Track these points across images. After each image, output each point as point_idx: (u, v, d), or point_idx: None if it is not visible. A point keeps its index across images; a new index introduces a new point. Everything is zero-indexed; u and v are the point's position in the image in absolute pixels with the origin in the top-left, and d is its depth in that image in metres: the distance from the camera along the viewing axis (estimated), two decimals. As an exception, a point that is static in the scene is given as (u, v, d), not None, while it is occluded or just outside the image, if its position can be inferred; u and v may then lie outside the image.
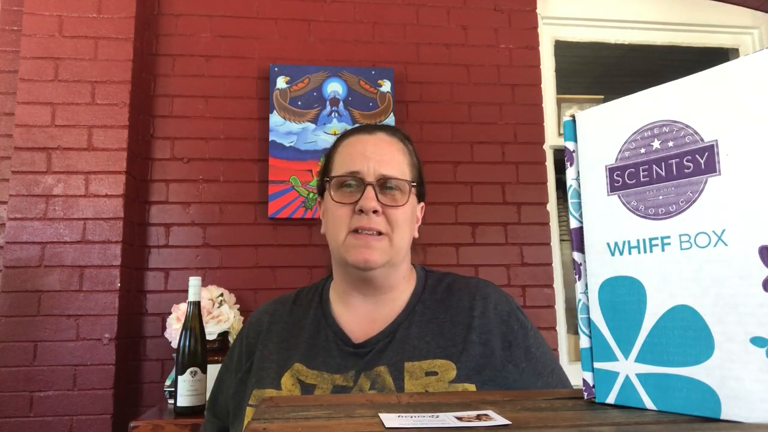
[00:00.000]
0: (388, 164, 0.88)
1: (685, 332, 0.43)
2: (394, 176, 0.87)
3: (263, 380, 0.85)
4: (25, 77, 1.93)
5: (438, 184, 2.17)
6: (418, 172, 0.95)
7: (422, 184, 0.96)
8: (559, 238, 2.34)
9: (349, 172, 0.87)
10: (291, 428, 0.41)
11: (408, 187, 0.89)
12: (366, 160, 0.87)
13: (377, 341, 0.86)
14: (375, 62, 2.24)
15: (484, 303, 0.89)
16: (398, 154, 0.91)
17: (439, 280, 0.94)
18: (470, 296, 0.90)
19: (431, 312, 0.89)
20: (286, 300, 0.98)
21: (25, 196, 1.87)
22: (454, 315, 0.88)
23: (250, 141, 2.14)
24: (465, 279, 0.95)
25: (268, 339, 0.91)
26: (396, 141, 0.93)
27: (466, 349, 0.83)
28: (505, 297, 0.92)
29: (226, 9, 2.21)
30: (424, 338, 0.86)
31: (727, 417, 0.40)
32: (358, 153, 0.89)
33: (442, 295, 0.92)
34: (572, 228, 0.51)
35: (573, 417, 0.45)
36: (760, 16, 2.57)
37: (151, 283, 2.02)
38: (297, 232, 2.09)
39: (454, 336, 0.85)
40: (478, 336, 0.85)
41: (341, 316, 0.91)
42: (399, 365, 0.82)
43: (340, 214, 0.87)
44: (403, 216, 0.87)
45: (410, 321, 0.88)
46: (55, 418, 1.76)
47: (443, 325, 0.87)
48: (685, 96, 0.44)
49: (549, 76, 2.42)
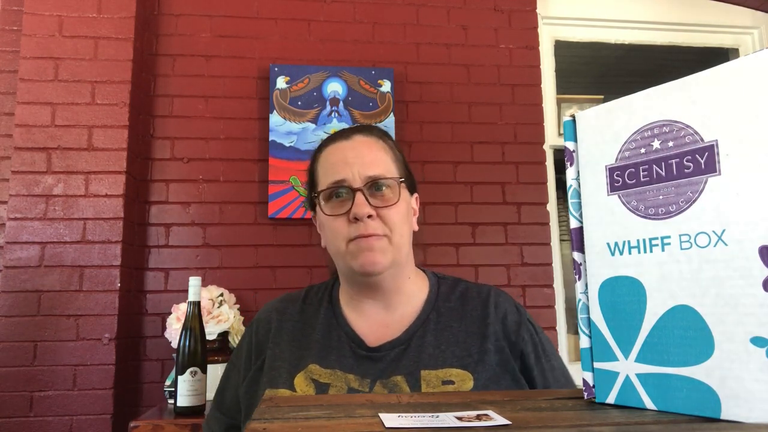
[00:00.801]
0: (372, 165, 0.86)
1: (685, 332, 0.43)
2: (381, 176, 0.86)
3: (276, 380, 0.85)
4: (25, 77, 1.93)
5: (438, 184, 2.17)
6: (404, 165, 0.93)
7: (410, 176, 0.95)
8: (559, 238, 2.33)
9: (335, 182, 0.86)
10: (291, 428, 0.41)
11: (396, 184, 0.87)
12: (349, 167, 0.86)
13: (392, 347, 0.85)
14: (375, 62, 2.24)
15: (496, 312, 0.89)
16: (380, 153, 0.89)
17: (453, 288, 0.94)
18: (483, 305, 0.90)
19: (446, 320, 0.89)
20: (295, 298, 0.97)
21: (25, 196, 1.87)
22: (468, 324, 0.88)
23: (250, 141, 2.14)
24: (478, 287, 0.94)
25: (279, 338, 0.91)
26: (374, 140, 0.91)
27: (482, 360, 0.83)
28: (515, 307, 0.92)
29: (226, 9, 2.21)
30: (439, 347, 0.85)
31: (727, 417, 0.40)
32: (339, 161, 0.87)
33: (456, 304, 0.91)
34: (572, 228, 0.51)
35: (573, 417, 0.45)
36: (760, 16, 2.57)
37: (151, 283, 2.02)
38: (297, 232, 2.09)
39: (469, 346, 0.85)
40: (494, 344, 0.85)
41: (353, 319, 0.90)
42: (415, 373, 0.81)
43: (336, 227, 0.86)
44: (398, 215, 0.87)
45: (425, 329, 0.87)
46: (55, 418, 1.76)
47: (458, 334, 0.87)
48: (685, 96, 0.44)
49: (549, 76, 2.42)
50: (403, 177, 0.90)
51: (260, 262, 2.07)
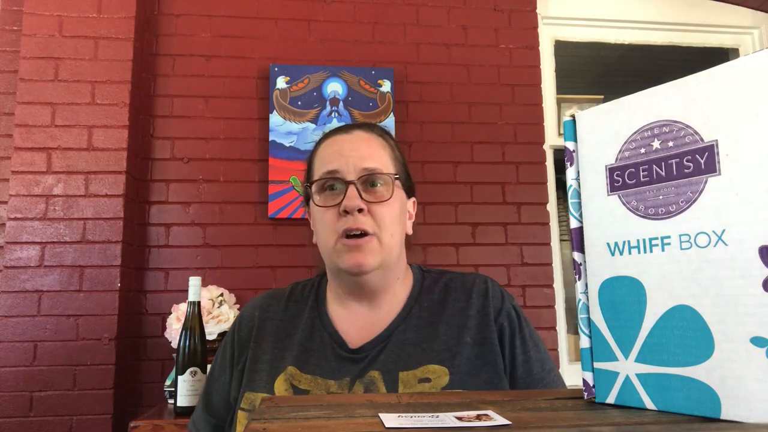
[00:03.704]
0: (368, 159, 0.85)
1: (685, 332, 0.43)
2: (375, 170, 0.84)
3: (255, 382, 0.84)
4: (25, 77, 1.93)
5: (438, 184, 2.17)
6: (403, 166, 0.91)
7: (409, 179, 0.93)
8: (559, 238, 2.33)
9: (328, 172, 0.85)
10: (291, 428, 0.41)
11: (391, 180, 0.85)
12: (344, 159, 0.84)
13: (373, 346, 0.84)
14: (375, 62, 2.24)
15: (480, 300, 0.87)
16: (378, 149, 0.88)
17: (436, 281, 0.92)
18: (466, 295, 0.88)
19: (428, 315, 0.87)
20: (280, 295, 0.95)
21: (25, 196, 1.87)
22: (450, 316, 0.86)
23: (250, 141, 2.14)
24: (462, 277, 0.92)
25: (261, 337, 0.89)
26: (374, 136, 0.90)
27: (459, 353, 0.82)
28: (500, 293, 0.89)
29: (226, 9, 2.21)
30: (420, 344, 0.84)
31: (727, 417, 0.40)
32: (335, 152, 0.86)
33: (438, 296, 0.89)
34: (572, 228, 0.51)
35: (573, 417, 0.44)
36: (760, 16, 2.57)
37: (151, 283, 2.02)
38: (297, 232, 2.09)
39: (448, 339, 0.84)
40: (473, 336, 0.84)
41: (338, 318, 0.89)
42: (393, 374, 0.80)
43: (326, 219, 0.85)
44: (390, 213, 0.84)
45: (407, 325, 0.86)
46: (55, 418, 1.76)
47: (439, 327, 0.85)
48: (685, 96, 0.44)
49: (549, 76, 2.42)
50: (399, 175, 0.88)
51: (260, 262, 2.07)
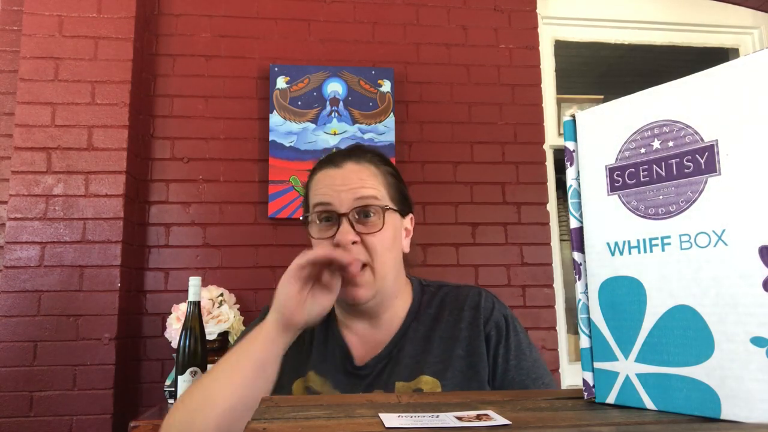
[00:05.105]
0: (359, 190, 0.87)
1: (685, 332, 0.43)
2: (366, 203, 0.87)
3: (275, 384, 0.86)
4: (25, 77, 1.93)
5: (438, 184, 2.17)
6: (397, 188, 0.93)
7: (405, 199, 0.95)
8: (559, 238, 2.33)
9: (321, 204, 0.88)
10: (291, 428, 0.41)
11: (382, 210, 0.88)
12: (336, 194, 0.87)
13: (375, 364, 0.88)
14: (375, 62, 2.24)
15: (471, 313, 0.90)
16: (369, 179, 0.89)
17: (434, 294, 0.95)
18: (459, 308, 0.91)
19: (425, 329, 0.90)
20: None
21: (25, 196, 1.87)
22: (444, 330, 0.89)
23: (250, 141, 2.14)
24: (457, 289, 0.95)
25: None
26: (365, 167, 0.91)
27: (452, 365, 0.85)
28: (491, 303, 0.91)
29: (226, 9, 2.21)
30: (416, 357, 0.87)
31: (727, 417, 0.40)
32: (327, 187, 0.89)
33: (435, 310, 0.92)
34: (572, 228, 0.51)
35: (573, 417, 0.44)
36: (760, 16, 2.57)
37: (151, 283, 2.02)
38: (297, 232, 2.09)
39: (441, 352, 0.87)
40: (465, 349, 0.87)
41: (346, 335, 0.93)
42: (390, 387, 0.84)
43: None
44: (382, 243, 0.87)
45: (405, 340, 0.89)
46: (55, 418, 1.76)
47: (433, 341, 0.88)
48: (685, 96, 0.44)
49: (549, 76, 2.42)
50: (392, 202, 0.90)
51: (260, 262, 2.07)
